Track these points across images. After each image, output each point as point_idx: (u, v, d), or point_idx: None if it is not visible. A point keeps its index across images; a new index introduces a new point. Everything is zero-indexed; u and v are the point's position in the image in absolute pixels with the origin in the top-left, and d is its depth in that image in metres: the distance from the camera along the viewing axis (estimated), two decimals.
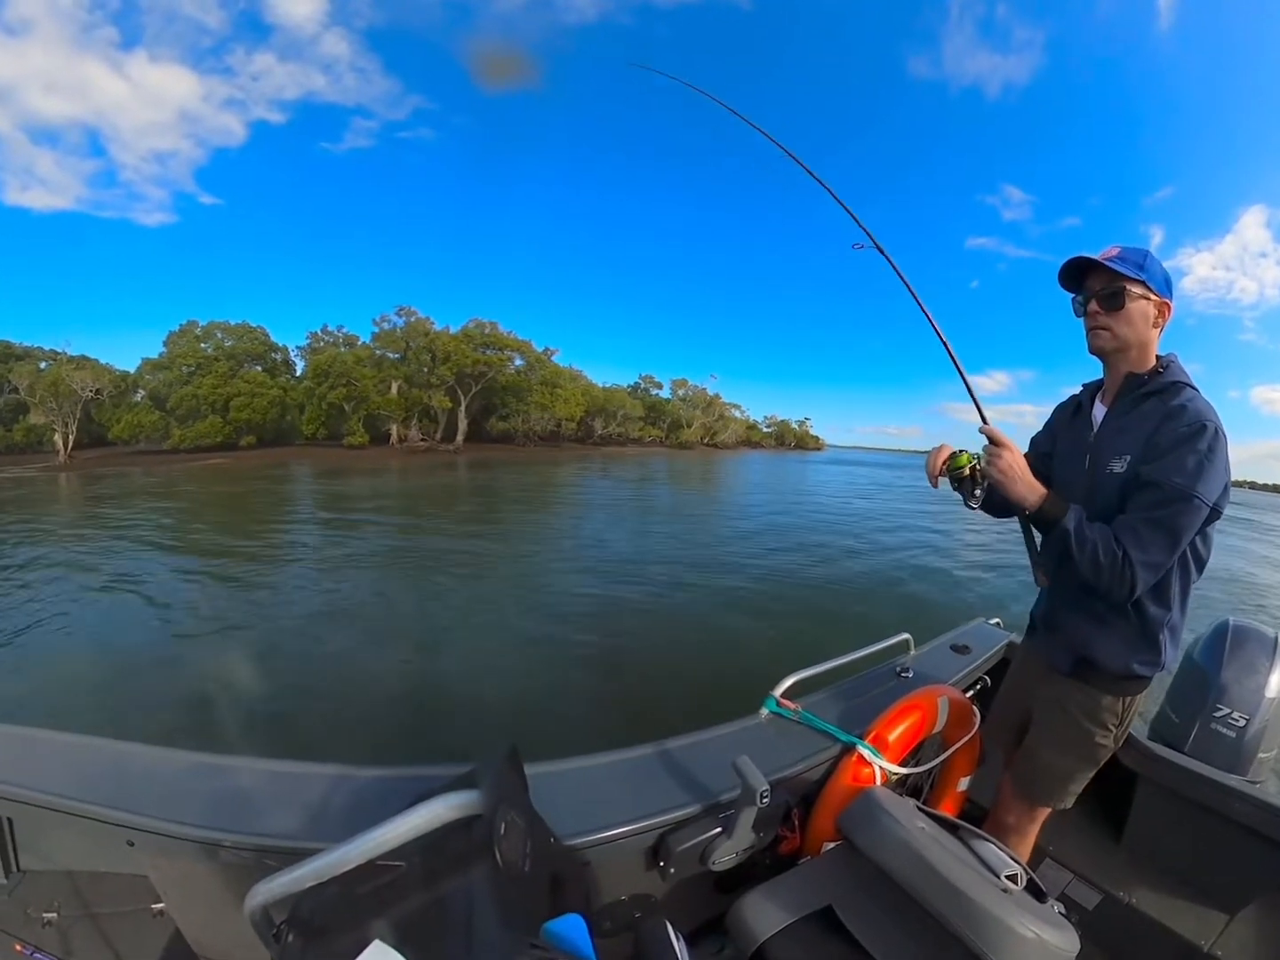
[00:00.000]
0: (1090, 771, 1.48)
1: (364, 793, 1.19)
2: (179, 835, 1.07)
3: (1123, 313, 1.28)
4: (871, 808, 1.36)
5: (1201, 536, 1.27)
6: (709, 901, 1.46)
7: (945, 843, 1.27)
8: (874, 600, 8.32)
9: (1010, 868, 1.21)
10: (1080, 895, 1.75)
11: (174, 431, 37.55)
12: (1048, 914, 1.15)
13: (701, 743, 1.52)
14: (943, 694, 1.72)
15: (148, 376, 40.16)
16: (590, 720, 4.36)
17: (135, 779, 1.20)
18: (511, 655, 5.89)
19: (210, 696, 4.64)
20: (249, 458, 35.94)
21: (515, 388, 50.24)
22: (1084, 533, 1.22)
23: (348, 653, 5.93)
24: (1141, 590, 1.22)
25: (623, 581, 8.86)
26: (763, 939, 1.19)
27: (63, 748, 1.31)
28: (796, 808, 1.48)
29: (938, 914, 1.15)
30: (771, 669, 1.81)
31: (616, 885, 1.30)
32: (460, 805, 0.80)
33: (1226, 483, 1.21)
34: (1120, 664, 1.37)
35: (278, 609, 7.38)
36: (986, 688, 2.20)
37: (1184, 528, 1.19)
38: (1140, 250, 1.29)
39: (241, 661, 5.43)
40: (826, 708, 1.73)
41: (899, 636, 2.03)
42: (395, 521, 14.72)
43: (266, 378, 42.32)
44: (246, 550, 10.57)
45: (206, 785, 1.20)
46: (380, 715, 4.50)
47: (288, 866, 0.76)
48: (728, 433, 77.88)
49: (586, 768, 1.36)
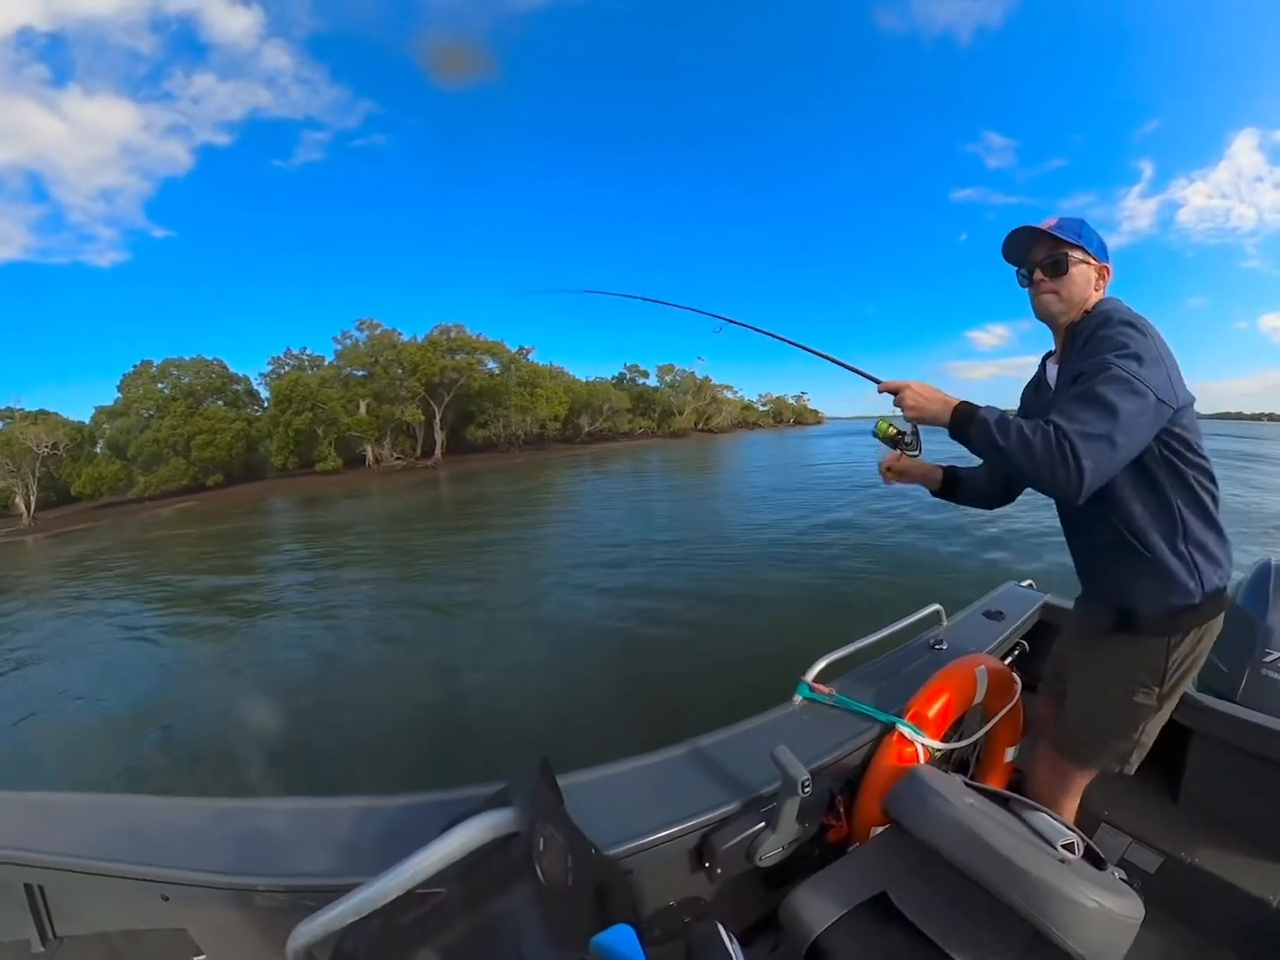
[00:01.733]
0: (1132, 734, 1.46)
1: (396, 822, 1.20)
2: (213, 884, 1.08)
3: (1067, 277, 1.39)
4: (917, 787, 1.38)
5: (1187, 445, 1.29)
6: (759, 899, 1.49)
7: (997, 817, 1.28)
8: (899, 574, 8.36)
9: (1066, 837, 1.22)
10: (1140, 859, 1.75)
11: (137, 479, 37.34)
12: (1109, 881, 1.16)
13: (736, 736, 1.54)
14: (980, 663, 1.74)
15: (105, 425, 39.97)
16: (619, 725, 4.39)
17: (162, 832, 1.22)
18: (530, 668, 5.93)
19: (230, 741, 4.72)
20: (215, 498, 35.80)
21: (491, 392, 50.08)
22: (1005, 419, 1.25)
23: (362, 683, 5.99)
24: (1094, 469, 1.16)
25: (632, 582, 8.89)
26: (817, 932, 1.21)
27: (85, 809, 1.33)
28: (840, 794, 1.50)
29: (995, 891, 1.16)
30: (801, 654, 1.83)
31: (663, 891, 1.32)
32: (496, 825, 0.82)
33: (1170, 375, 1.23)
34: (1157, 601, 1.36)
35: (274, 652, 7.40)
36: (1025, 653, 2.23)
37: (1118, 402, 1.17)
38: (1076, 220, 1.40)
39: (255, 704, 5.49)
40: (861, 688, 1.76)
41: (929, 608, 2.04)
42: (380, 545, 14.69)
43: (228, 412, 42.21)
44: (222, 596, 10.54)
45: (235, 831, 1.21)
46: (404, 743, 4.56)
47: (326, 905, 0.77)
48: (722, 416, 77.97)
49: (621, 774, 1.38)
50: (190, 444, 38.34)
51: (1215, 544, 1.35)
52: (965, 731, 1.79)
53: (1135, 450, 1.24)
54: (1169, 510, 1.32)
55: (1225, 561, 1.38)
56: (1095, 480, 1.18)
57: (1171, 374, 1.24)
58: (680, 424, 69.96)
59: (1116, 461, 1.21)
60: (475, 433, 50.56)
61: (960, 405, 1.32)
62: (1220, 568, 1.36)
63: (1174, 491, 1.32)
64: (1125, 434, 1.18)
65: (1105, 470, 1.20)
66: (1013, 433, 1.22)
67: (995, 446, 1.24)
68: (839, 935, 1.20)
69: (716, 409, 77.41)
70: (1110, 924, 1.09)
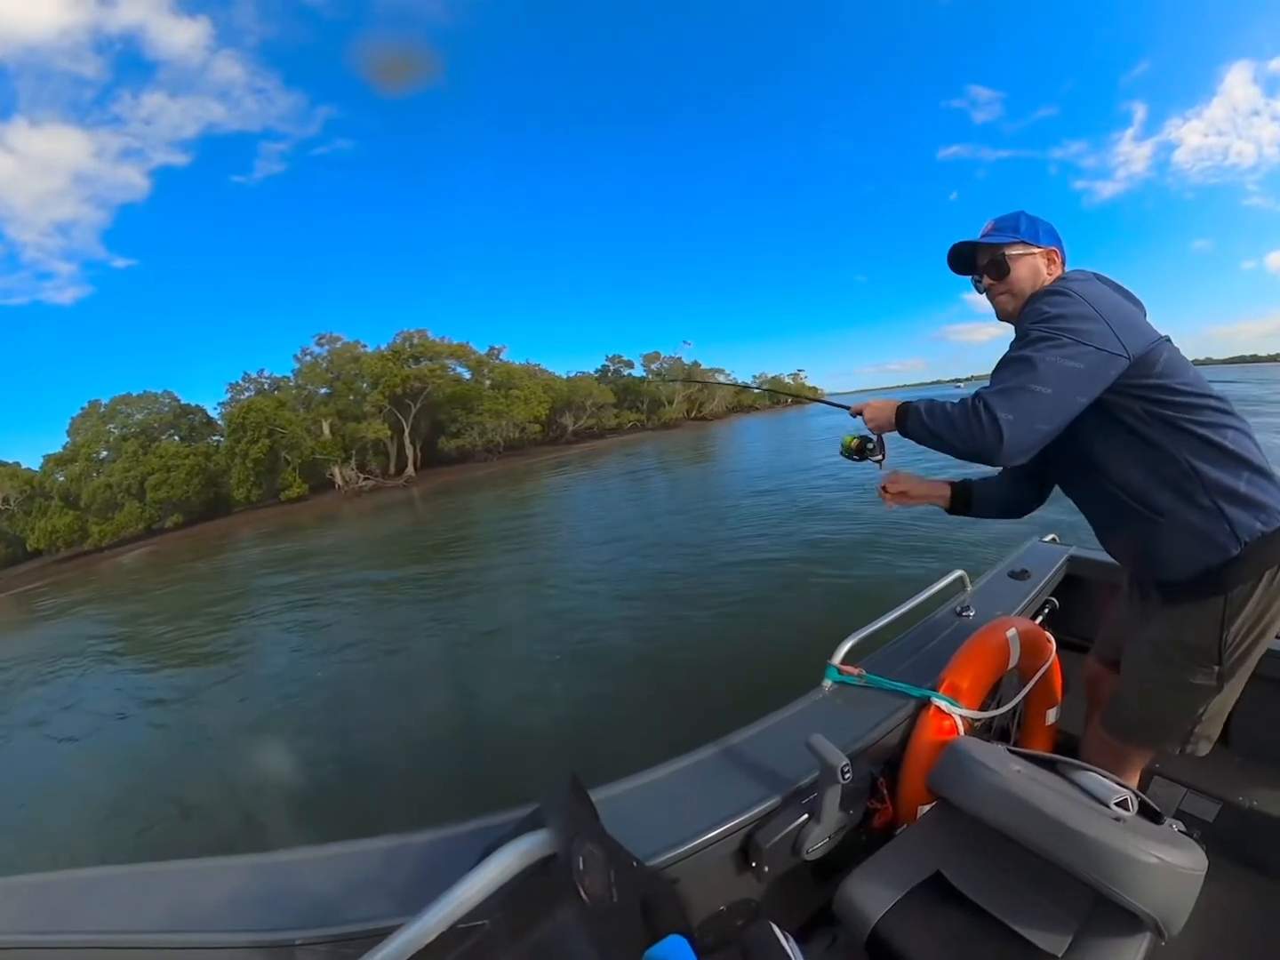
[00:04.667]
0: (1189, 717, 1.41)
1: (429, 857, 1.22)
2: (248, 944, 1.09)
3: (1011, 275, 1.48)
4: (961, 760, 1.41)
5: (1171, 391, 1.28)
6: (811, 893, 1.52)
7: (1045, 781, 1.31)
8: (918, 543, 8.44)
9: (1119, 794, 1.24)
10: (1198, 808, 1.79)
11: (92, 529, 37.07)
12: (1168, 835, 1.19)
13: (768, 729, 1.57)
14: (1010, 626, 1.77)
15: (56, 474, 39.70)
16: (646, 732, 4.42)
17: (186, 896, 1.23)
18: (545, 683, 5.97)
19: (243, 797, 4.75)
20: (172, 540, 35.57)
21: (461, 398, 49.97)
22: (934, 404, 1.37)
23: (372, 721, 6.00)
24: (1015, 421, 1.20)
25: (642, 581, 8.93)
26: (875, 920, 1.24)
27: (104, 882, 1.33)
28: (882, 777, 1.53)
29: (1053, 857, 1.19)
30: (825, 636, 1.86)
31: (711, 896, 1.34)
32: (532, 849, 0.84)
33: (1112, 326, 1.25)
34: (1187, 564, 1.32)
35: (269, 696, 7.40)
36: (1055, 610, 2.28)
37: (1035, 355, 1.23)
38: (1013, 215, 1.51)
39: (265, 753, 5.53)
40: (891, 665, 1.80)
41: (952, 575, 2.08)
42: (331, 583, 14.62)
43: (181, 447, 42.01)
44: (190, 648, 10.49)
45: (265, 886, 1.22)
46: (426, 776, 4.59)
47: (367, 953, 0.78)
48: (715, 401, 77.99)
49: (654, 781, 1.40)
50: (144, 485, 38.12)
51: (1250, 485, 1.27)
52: (1003, 698, 1.83)
53: (1072, 400, 1.25)
54: (1176, 465, 1.29)
55: (1272, 498, 1.27)
56: (1021, 433, 1.21)
57: (1115, 324, 1.26)
58: (671, 414, 70.06)
59: (1046, 412, 1.23)
60: (448, 443, 50.37)
61: (900, 404, 1.46)
62: (1264, 509, 1.26)
63: (1175, 445, 1.29)
64: (1049, 383, 1.22)
65: (1030, 421, 1.22)
66: (938, 411, 1.34)
67: (926, 430, 1.36)
68: (898, 920, 1.24)
69: (709, 395, 77.39)
70: (1174, 878, 1.12)
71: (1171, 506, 1.31)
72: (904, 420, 1.43)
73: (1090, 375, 1.25)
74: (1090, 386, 1.26)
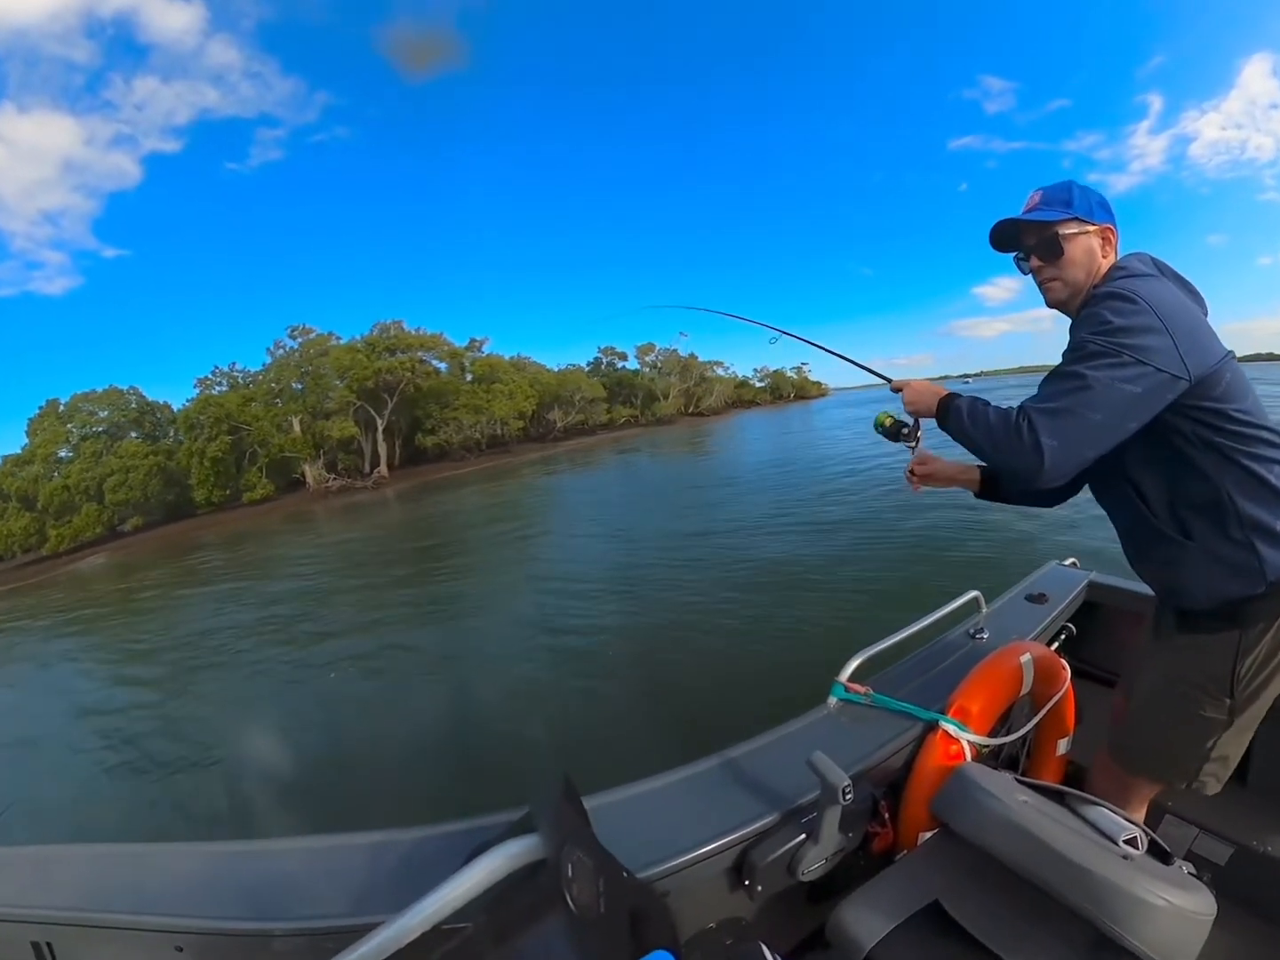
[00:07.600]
0: (1198, 751, 1.42)
1: (416, 856, 1.26)
2: (229, 931, 1.14)
3: (1065, 257, 1.40)
4: (966, 787, 1.44)
5: (1224, 417, 1.25)
6: (804, 916, 1.56)
7: (1052, 813, 1.34)
8: (932, 559, 8.47)
9: (1128, 831, 1.26)
10: (1210, 850, 1.77)
11: (50, 533, 36.85)
12: (1177, 876, 1.20)
13: (769, 744, 1.61)
14: (1024, 651, 1.79)
15: (13, 476, 39.42)
16: (645, 741, 4.48)
17: (173, 881, 1.28)
18: (542, 686, 6.08)
19: (237, 784, 4.96)
20: (132, 545, 35.30)
21: (439, 393, 49.81)
22: (977, 405, 1.34)
23: (366, 716, 6.18)
24: (1057, 447, 1.19)
25: (644, 586, 9.01)
26: (868, 948, 1.25)
27: (92, 860, 1.38)
28: (884, 800, 1.56)
29: (1056, 893, 1.21)
30: (833, 652, 1.91)
31: (702, 913, 1.38)
32: (521, 853, 0.88)
33: (1178, 343, 1.20)
34: (1209, 594, 1.33)
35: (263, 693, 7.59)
36: (1072, 636, 2.31)
37: (1090, 373, 1.19)
38: (1063, 185, 1.42)
39: (256, 745, 5.69)
40: (899, 685, 1.83)
41: (967, 595, 2.09)
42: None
43: (141, 446, 41.67)
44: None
45: (248, 875, 1.27)
46: (418, 775, 4.70)
47: (347, 947, 0.81)
48: (713, 396, 78.06)
49: (650, 791, 1.44)
50: (103, 487, 37.86)
51: (1272, 519, 1.27)
52: (1013, 725, 1.85)
53: (1122, 426, 1.23)
54: (1214, 493, 1.28)
55: None
56: (1062, 459, 1.20)
57: (1181, 341, 1.21)
58: (666, 409, 70.05)
59: (1093, 438, 1.22)
60: (424, 441, 50.20)
61: (945, 395, 1.43)
62: None
63: (1218, 473, 1.28)
64: (1101, 408, 1.19)
65: (1076, 448, 1.21)
66: (980, 417, 1.30)
67: (964, 433, 1.34)
68: (892, 950, 1.25)
69: (706, 389, 77.49)
70: (1181, 922, 1.12)
71: (1201, 533, 1.31)
72: (945, 414, 1.40)
73: (1147, 399, 1.21)
74: (1145, 413, 1.23)
